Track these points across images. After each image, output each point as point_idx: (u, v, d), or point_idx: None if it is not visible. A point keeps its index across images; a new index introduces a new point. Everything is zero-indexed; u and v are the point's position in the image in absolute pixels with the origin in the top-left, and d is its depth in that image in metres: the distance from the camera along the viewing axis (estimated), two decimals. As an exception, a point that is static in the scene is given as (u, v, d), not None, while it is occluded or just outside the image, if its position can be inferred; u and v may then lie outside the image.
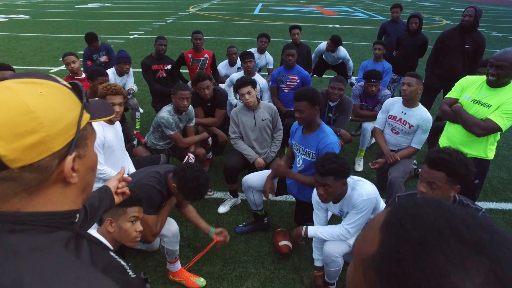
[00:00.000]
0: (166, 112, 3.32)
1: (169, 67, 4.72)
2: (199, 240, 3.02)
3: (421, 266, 0.36)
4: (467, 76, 2.75)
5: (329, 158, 2.08)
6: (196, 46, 4.86)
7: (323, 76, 6.23)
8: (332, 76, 3.88)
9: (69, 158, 0.60)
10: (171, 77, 4.81)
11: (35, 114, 0.55)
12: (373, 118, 3.91)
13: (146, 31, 12.96)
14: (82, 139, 0.64)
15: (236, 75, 4.38)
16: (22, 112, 0.54)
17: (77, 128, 0.61)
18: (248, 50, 4.40)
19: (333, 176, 2.07)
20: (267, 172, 3.01)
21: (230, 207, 3.48)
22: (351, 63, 5.52)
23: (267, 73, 5.48)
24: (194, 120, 3.64)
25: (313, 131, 2.74)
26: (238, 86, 3.22)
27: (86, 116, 0.65)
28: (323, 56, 5.58)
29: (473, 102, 2.58)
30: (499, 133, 2.57)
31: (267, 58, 5.43)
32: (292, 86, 4.26)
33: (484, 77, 2.59)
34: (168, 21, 15.92)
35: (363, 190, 2.19)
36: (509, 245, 0.36)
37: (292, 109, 4.25)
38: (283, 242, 2.85)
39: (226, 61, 5.10)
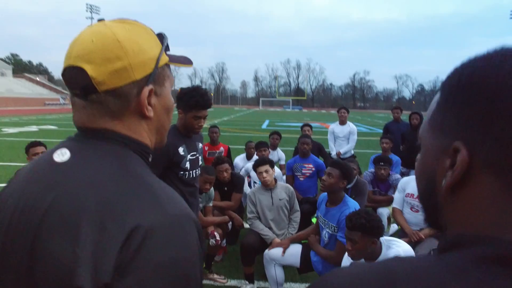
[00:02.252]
0: (186, 190, 3.38)
1: (187, 157, 4.96)
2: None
3: None
4: None
5: (359, 213, 2.07)
6: (212, 139, 5.20)
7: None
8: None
9: (146, 89, 0.66)
10: (189, 168, 5.01)
11: (121, 44, 0.63)
12: (387, 203, 3.91)
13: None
14: (159, 77, 0.70)
15: (251, 165, 4.57)
16: (112, 41, 0.63)
17: (156, 64, 0.68)
18: (264, 141, 4.70)
19: (360, 231, 2.02)
20: (291, 246, 2.92)
21: (246, 295, 3.22)
22: (355, 137, 5.89)
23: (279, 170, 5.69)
24: (212, 201, 3.68)
25: (336, 204, 2.75)
26: (256, 164, 3.37)
27: (165, 58, 0.72)
28: (334, 134, 5.98)
29: None
30: None
31: (279, 154, 5.69)
32: (307, 175, 4.39)
33: None
34: (183, 132, 17.16)
35: (400, 248, 2.09)
36: None
37: (310, 196, 4.31)
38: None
39: (243, 155, 5.35)
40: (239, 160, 5.35)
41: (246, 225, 3.76)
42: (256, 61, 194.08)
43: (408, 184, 3.31)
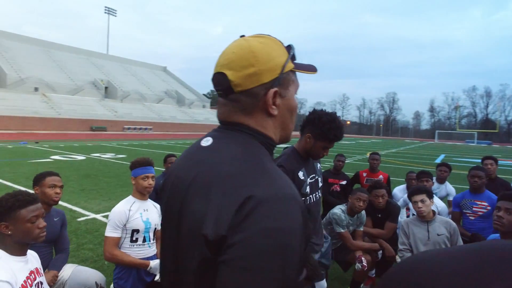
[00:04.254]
0: (338, 209, 3.53)
1: (344, 182, 5.09)
2: None
3: None
4: None
5: None
6: (372, 166, 5.15)
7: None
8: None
9: (271, 90, 0.80)
10: (344, 193, 5.11)
11: (254, 54, 0.79)
12: None
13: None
14: (284, 81, 0.83)
15: (411, 196, 4.30)
16: (247, 52, 0.79)
17: (282, 70, 0.81)
18: (427, 170, 4.36)
19: None
20: None
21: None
22: None
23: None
24: (363, 226, 3.68)
25: None
26: (412, 193, 3.20)
27: (290, 65, 0.84)
28: None
29: None
30: None
31: (448, 189, 5.06)
32: (480, 214, 3.79)
33: None
34: (346, 161, 17.10)
35: None
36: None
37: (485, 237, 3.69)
38: None
39: (403, 186, 5.08)
40: (398, 191, 5.08)
41: (399, 259, 3.56)
42: (432, 91, 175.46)
43: None
